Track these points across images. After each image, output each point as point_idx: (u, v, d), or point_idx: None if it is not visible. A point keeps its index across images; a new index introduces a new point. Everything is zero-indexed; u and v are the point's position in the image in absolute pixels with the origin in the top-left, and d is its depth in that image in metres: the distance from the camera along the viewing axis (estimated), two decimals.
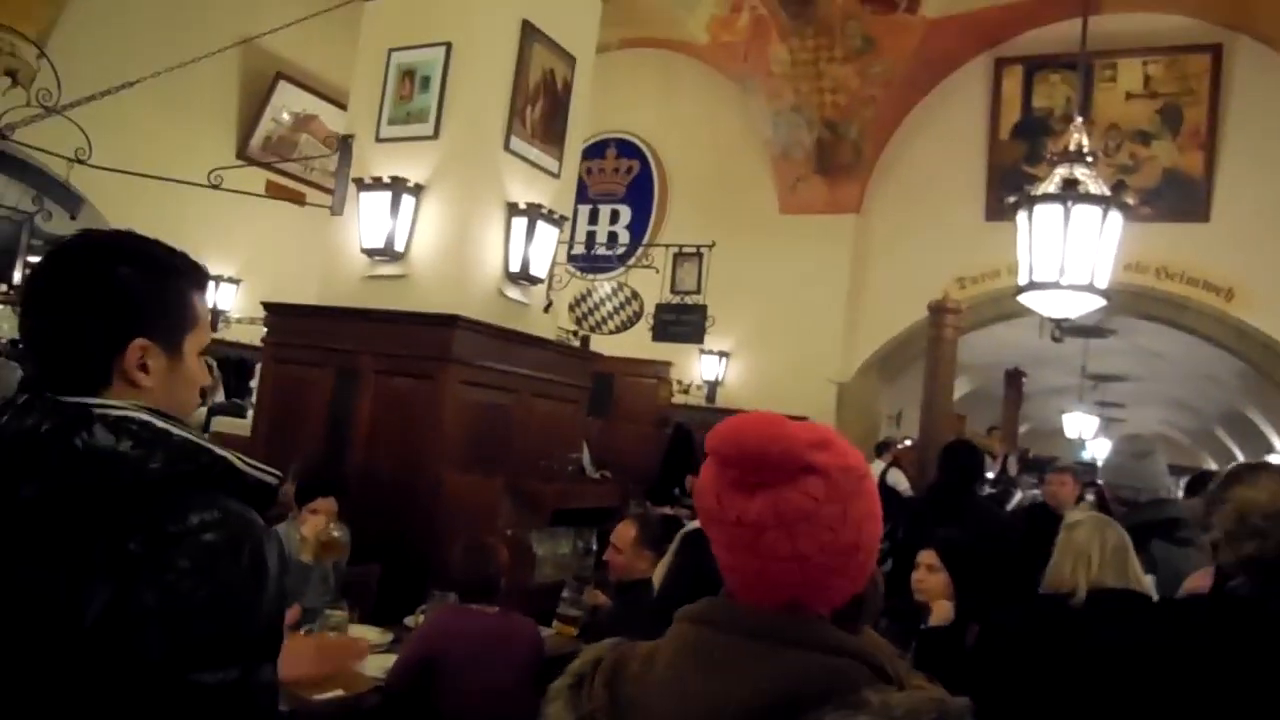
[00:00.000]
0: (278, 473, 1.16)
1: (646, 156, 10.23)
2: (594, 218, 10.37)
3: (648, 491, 7.52)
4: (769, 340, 9.16)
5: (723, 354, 9.40)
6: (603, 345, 9.81)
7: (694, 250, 6.86)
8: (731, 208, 9.57)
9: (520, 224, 4.25)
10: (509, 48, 4.29)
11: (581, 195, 10.51)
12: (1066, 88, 8.07)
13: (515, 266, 4.27)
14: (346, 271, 4.30)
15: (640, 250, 9.97)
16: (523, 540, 3.76)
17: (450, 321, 3.88)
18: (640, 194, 10.18)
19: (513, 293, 4.36)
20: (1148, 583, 2.48)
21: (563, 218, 4.49)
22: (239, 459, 1.10)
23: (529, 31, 4.34)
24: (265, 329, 4.59)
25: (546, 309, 4.59)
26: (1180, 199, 7.68)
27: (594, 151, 10.58)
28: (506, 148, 4.26)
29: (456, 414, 3.91)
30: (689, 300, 6.52)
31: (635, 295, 5.48)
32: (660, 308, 6.59)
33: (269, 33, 5.80)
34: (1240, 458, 15.97)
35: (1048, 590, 2.45)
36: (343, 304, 4.23)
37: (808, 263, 9.02)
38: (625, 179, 10.33)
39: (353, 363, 4.07)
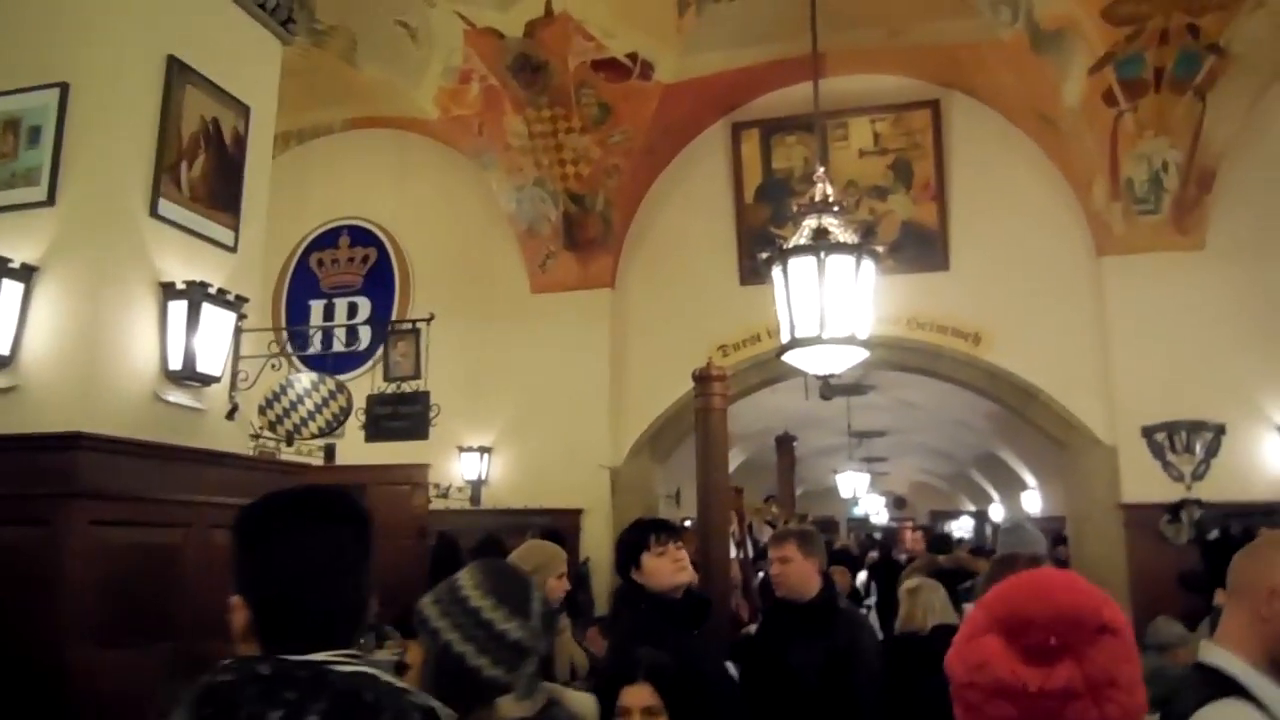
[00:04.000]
0: None
1: (383, 243, 9.39)
2: (329, 313, 9.36)
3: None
4: (533, 430, 8.46)
5: (484, 450, 8.58)
6: (351, 453, 8.79)
7: (409, 326, 6.00)
8: (480, 291, 8.90)
9: (179, 309, 3.31)
10: (149, 89, 3.40)
11: (313, 290, 9.49)
12: (803, 148, 8.10)
13: (176, 364, 3.32)
14: None
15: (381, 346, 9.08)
16: None
17: (70, 442, 2.87)
18: (380, 284, 9.30)
19: (176, 396, 3.38)
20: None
21: (241, 299, 3.58)
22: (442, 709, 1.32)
23: (178, 70, 3.48)
24: None
25: (231, 415, 3.63)
26: (920, 250, 7.81)
27: (325, 240, 9.64)
28: (154, 213, 3.33)
29: (88, 566, 2.87)
30: (407, 388, 5.62)
31: (341, 389, 4.58)
32: (372, 400, 5.65)
33: None
34: (995, 497, 16.90)
35: (903, 630, 3.92)
36: None
37: (566, 344, 8.46)
38: (362, 269, 9.42)
39: None
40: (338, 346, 8.86)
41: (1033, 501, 13.06)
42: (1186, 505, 6.76)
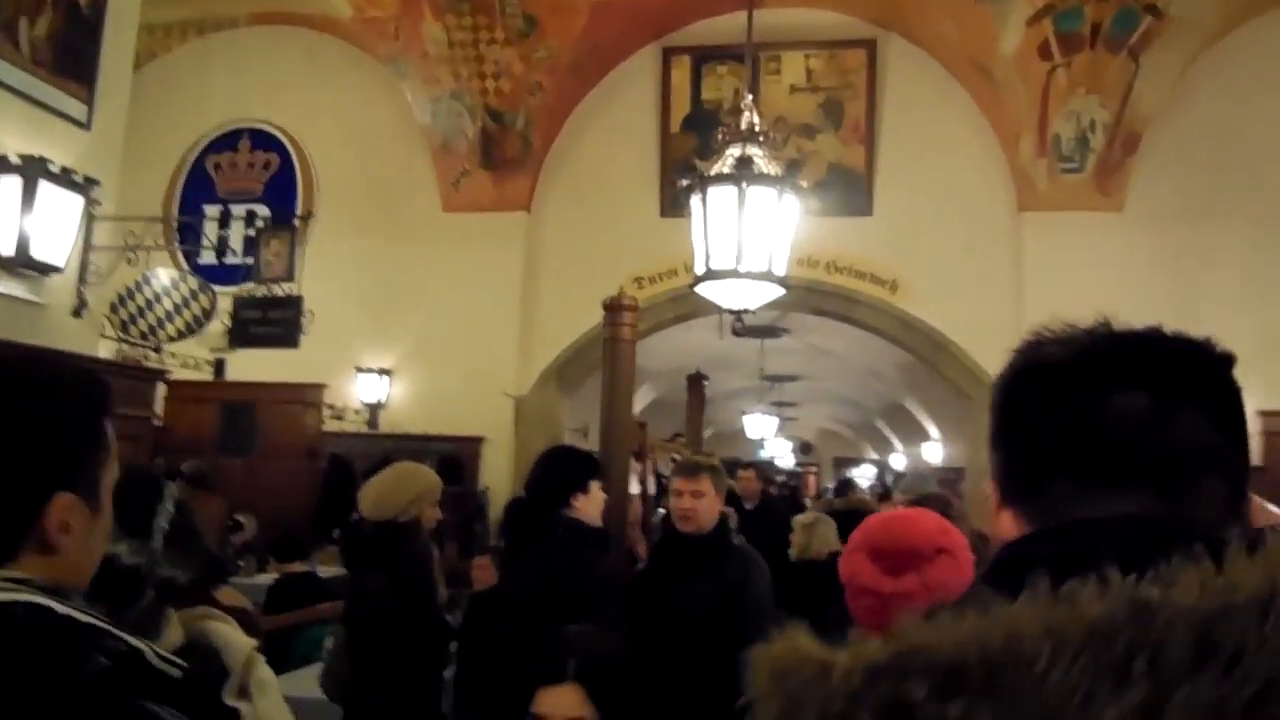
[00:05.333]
0: (182, 663, 0.92)
1: (287, 149, 8.82)
2: (226, 221, 8.78)
3: (344, 536, 6.24)
4: (437, 354, 8.13)
5: (384, 372, 8.22)
6: (243, 368, 8.34)
7: (286, 224, 5.53)
8: (389, 207, 8.46)
9: (11, 185, 2.90)
10: None
11: (209, 194, 8.90)
12: (734, 79, 7.81)
13: (8, 248, 2.92)
14: None
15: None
16: None
17: None
18: (281, 193, 8.75)
19: (7, 287, 2.98)
20: None
21: (91, 181, 3.17)
22: (151, 648, 0.90)
23: None
24: None
25: (78, 312, 3.24)
26: (845, 193, 7.66)
27: (224, 143, 9.02)
28: None
29: None
30: (280, 291, 5.16)
31: (204, 289, 4.17)
32: (240, 303, 5.17)
33: None
34: (899, 447, 17.22)
35: (800, 558, 4.47)
36: None
37: (477, 267, 8.11)
38: (263, 175, 8.85)
39: None
40: (232, 259, 8.35)
41: (934, 453, 13.29)
42: None
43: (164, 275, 4.06)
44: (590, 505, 2.72)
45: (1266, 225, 7.05)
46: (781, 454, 21.66)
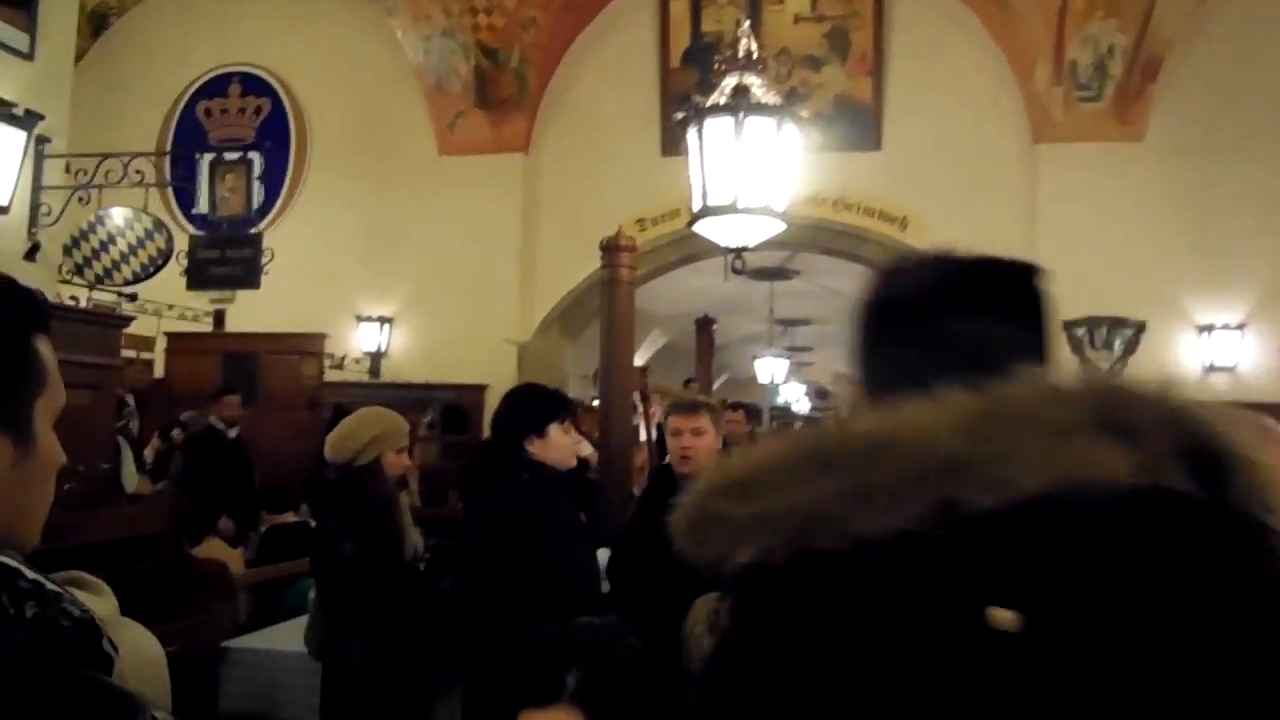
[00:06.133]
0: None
1: (278, 93, 8.59)
2: (217, 168, 8.58)
3: (307, 482, 6.18)
4: (437, 302, 7.97)
5: (384, 320, 8.09)
6: (243, 318, 8.24)
7: (238, 156, 5.27)
8: (384, 151, 8.25)
9: None
10: None
11: (200, 141, 8.70)
12: (735, 10, 7.46)
13: None
14: None
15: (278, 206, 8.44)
16: None
17: None
18: (274, 138, 8.52)
19: None
20: None
21: (35, 115, 2.98)
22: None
23: None
24: None
25: (31, 255, 3.09)
26: (852, 127, 7.38)
27: (214, 88, 8.80)
28: None
29: None
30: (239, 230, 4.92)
31: (160, 226, 3.98)
32: (195, 242, 4.95)
33: None
34: None
35: None
36: None
37: (475, 211, 7.91)
38: (254, 120, 8.64)
39: None
40: (224, 210, 8.17)
41: None
42: None
43: (118, 214, 3.88)
44: (549, 449, 2.55)
45: None
46: (796, 399, 21.48)
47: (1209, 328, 6.71)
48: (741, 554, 0.67)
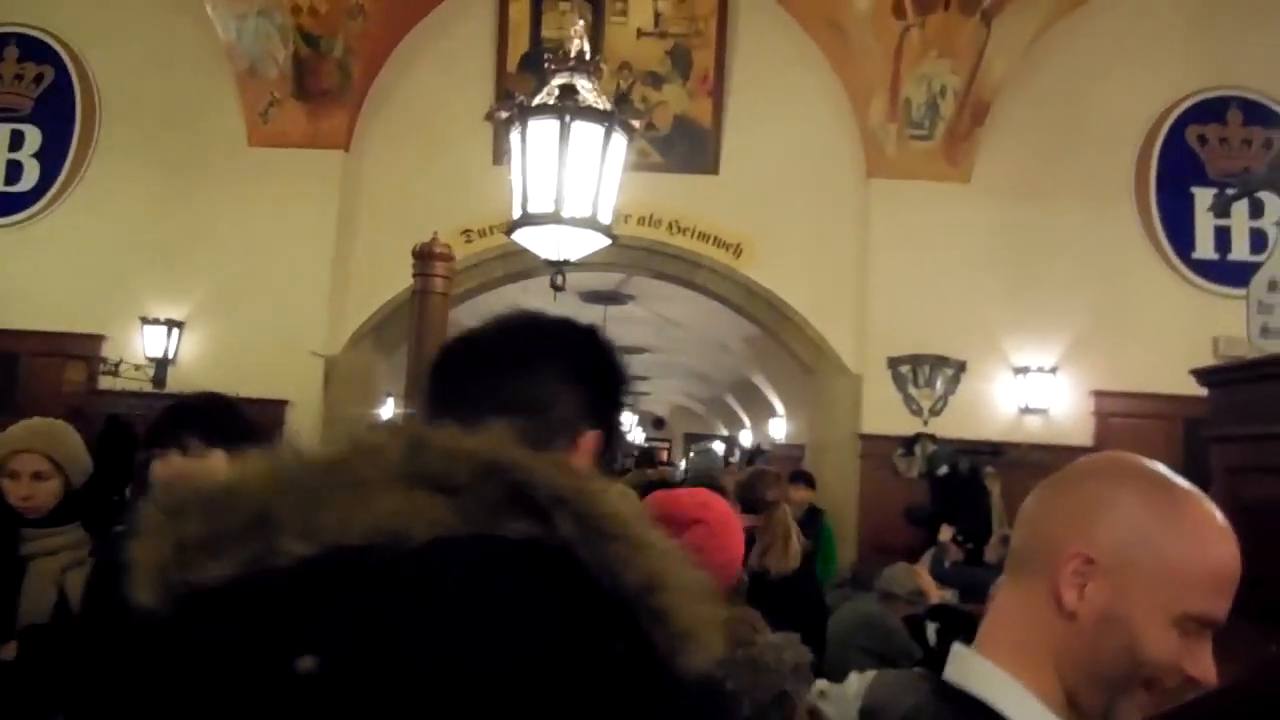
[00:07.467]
0: None
1: (64, 61, 7.65)
2: None
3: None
4: (237, 306, 7.22)
5: (174, 323, 7.25)
6: (7, 313, 7.24)
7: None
8: (186, 135, 7.48)
9: None
10: None
11: None
12: (576, 16, 7.19)
13: None
14: None
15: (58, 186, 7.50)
16: None
17: None
18: (56, 112, 7.60)
19: None
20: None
21: None
22: None
23: None
24: None
25: None
26: (691, 148, 7.21)
27: None
28: None
29: None
30: None
31: None
32: None
33: None
34: (747, 423, 17.15)
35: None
36: None
37: (286, 209, 7.25)
38: (33, 90, 7.66)
39: None
40: None
41: (780, 429, 13.17)
42: (921, 439, 6.68)
43: None
44: None
45: (1101, 207, 7.02)
46: (629, 429, 21.35)
47: (1025, 369, 6.85)
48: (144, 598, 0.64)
